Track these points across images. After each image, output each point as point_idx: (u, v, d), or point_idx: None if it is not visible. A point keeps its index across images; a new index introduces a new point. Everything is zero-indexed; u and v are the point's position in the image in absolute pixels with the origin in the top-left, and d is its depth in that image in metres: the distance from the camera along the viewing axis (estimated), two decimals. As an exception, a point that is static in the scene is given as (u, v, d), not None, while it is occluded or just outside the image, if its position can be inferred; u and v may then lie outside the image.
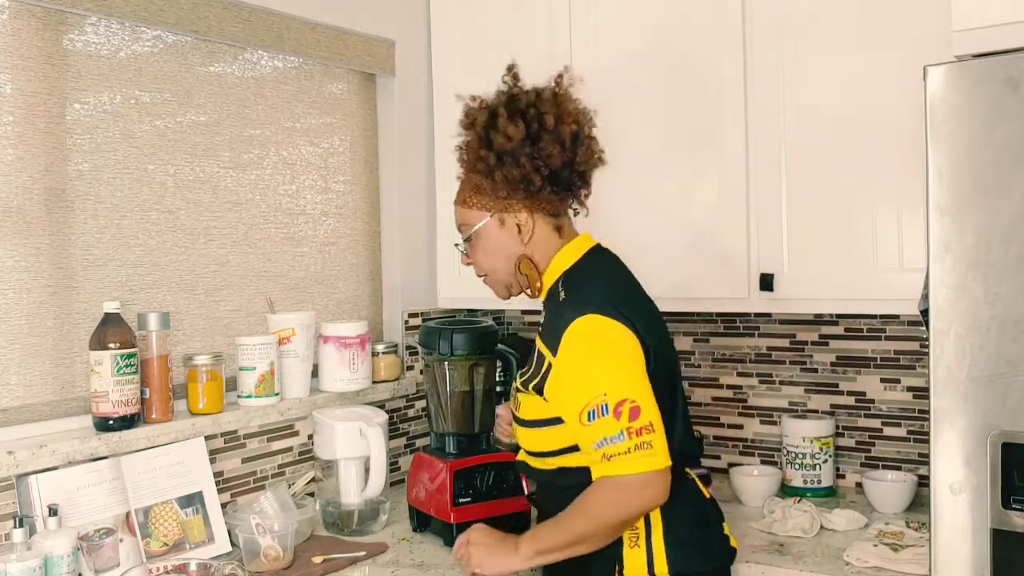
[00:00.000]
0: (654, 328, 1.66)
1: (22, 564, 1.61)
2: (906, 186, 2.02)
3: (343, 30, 2.51)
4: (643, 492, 1.53)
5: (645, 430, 1.52)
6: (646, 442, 1.51)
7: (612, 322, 1.57)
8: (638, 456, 1.51)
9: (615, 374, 1.55)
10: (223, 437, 2.17)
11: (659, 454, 1.52)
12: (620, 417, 1.52)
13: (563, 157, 1.67)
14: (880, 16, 2.04)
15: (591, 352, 1.57)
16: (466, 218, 1.76)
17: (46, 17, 1.94)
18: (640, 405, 1.53)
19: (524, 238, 1.72)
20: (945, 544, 1.55)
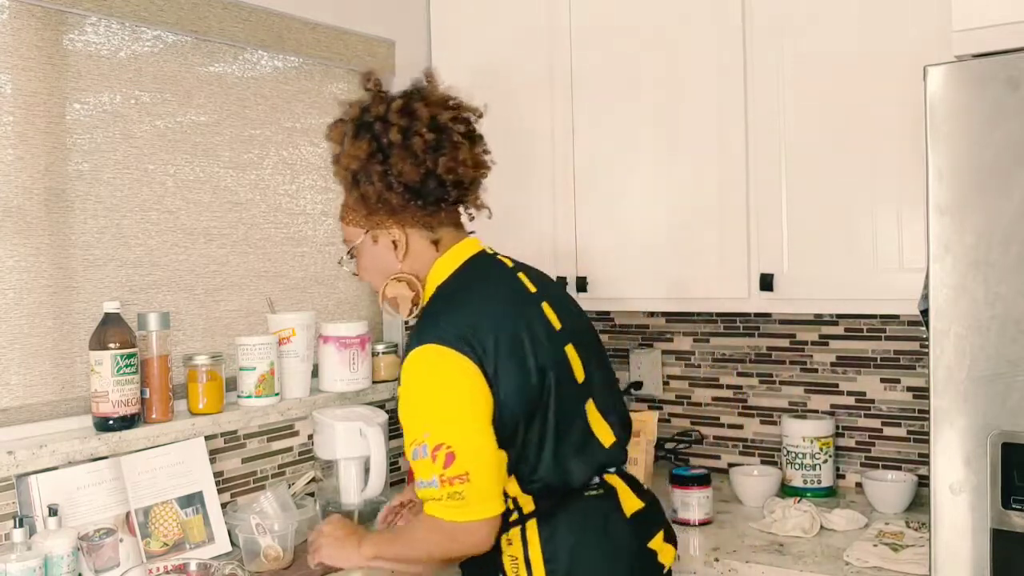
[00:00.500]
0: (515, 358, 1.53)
1: (22, 564, 1.60)
2: (906, 186, 2.02)
3: (343, 30, 2.51)
4: (460, 539, 1.50)
5: (459, 479, 1.46)
6: (458, 492, 1.46)
7: (450, 353, 1.49)
8: (450, 505, 1.48)
9: (438, 414, 1.49)
10: (223, 437, 2.17)
11: (472, 505, 1.47)
12: (436, 461, 1.46)
13: (420, 170, 1.58)
14: (880, 16, 2.04)
15: (421, 387, 1.51)
16: (346, 234, 1.72)
17: (46, 17, 1.94)
18: (456, 452, 1.46)
19: (399, 255, 1.66)
20: (945, 544, 1.55)
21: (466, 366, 1.49)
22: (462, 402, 1.49)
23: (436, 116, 1.61)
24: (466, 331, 1.51)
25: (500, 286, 1.64)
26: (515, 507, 1.58)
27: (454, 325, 1.52)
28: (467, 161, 1.62)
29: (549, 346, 1.59)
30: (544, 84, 2.52)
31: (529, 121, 2.56)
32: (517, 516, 1.58)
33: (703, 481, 2.19)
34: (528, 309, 1.61)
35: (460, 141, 1.62)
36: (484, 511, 1.49)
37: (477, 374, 1.49)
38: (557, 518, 1.56)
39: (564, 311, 1.68)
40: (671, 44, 2.32)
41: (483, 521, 1.49)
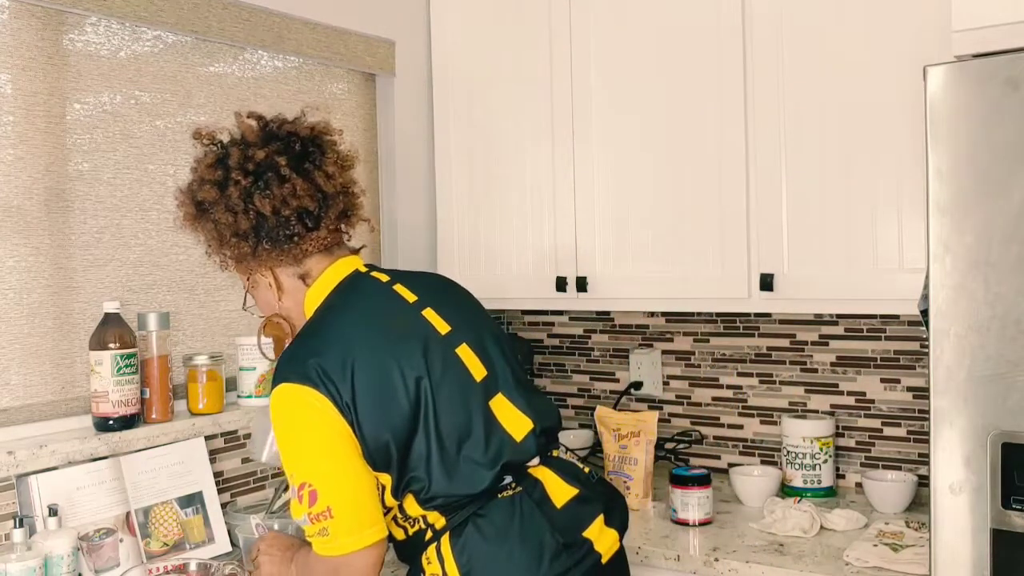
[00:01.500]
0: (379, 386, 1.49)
1: (22, 564, 1.61)
2: (906, 186, 2.02)
3: (343, 30, 2.51)
4: (343, 571, 1.48)
5: (323, 516, 1.46)
6: (324, 528, 1.46)
7: (298, 389, 1.47)
8: (320, 541, 1.48)
9: (296, 453, 1.49)
10: (223, 437, 2.17)
11: (338, 539, 1.46)
12: (302, 501, 1.47)
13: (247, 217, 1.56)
14: (880, 16, 2.04)
15: (280, 427, 1.50)
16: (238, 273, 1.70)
17: (46, 17, 1.94)
18: (317, 489, 1.45)
19: (278, 294, 1.64)
20: (945, 544, 1.55)
21: (316, 402, 1.47)
22: (318, 439, 1.48)
23: (250, 158, 1.58)
24: (316, 366, 1.48)
25: (365, 307, 1.60)
26: (426, 525, 1.55)
27: (302, 361, 1.50)
28: (302, 191, 1.57)
29: (432, 354, 1.55)
30: (544, 84, 2.52)
31: (529, 121, 2.56)
32: (431, 534, 1.55)
33: (703, 481, 2.19)
34: (403, 322, 1.58)
35: (287, 175, 1.57)
36: (352, 544, 1.47)
37: (329, 408, 1.47)
38: (467, 528, 1.52)
39: (452, 313, 1.63)
40: (671, 45, 2.32)
41: (355, 553, 1.47)
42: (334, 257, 1.66)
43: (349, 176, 1.68)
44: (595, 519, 1.60)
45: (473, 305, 1.73)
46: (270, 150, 1.58)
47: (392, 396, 1.50)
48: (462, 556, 1.51)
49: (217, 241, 1.61)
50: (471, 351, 1.60)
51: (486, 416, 1.56)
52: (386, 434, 1.49)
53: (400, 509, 1.56)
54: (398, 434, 1.50)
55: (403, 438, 1.50)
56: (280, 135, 1.62)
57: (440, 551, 1.52)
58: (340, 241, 1.69)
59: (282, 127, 1.64)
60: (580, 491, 1.60)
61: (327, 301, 1.61)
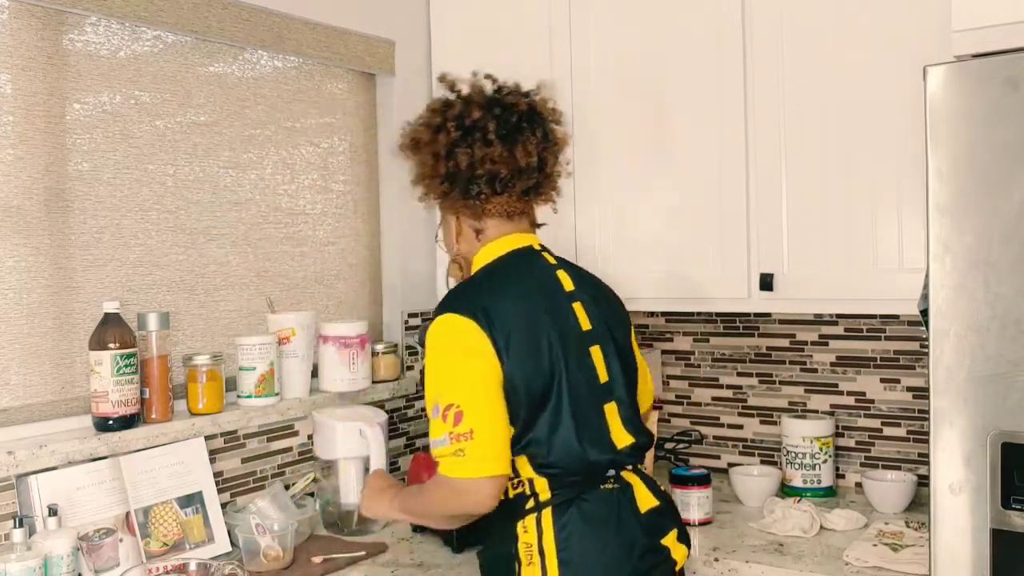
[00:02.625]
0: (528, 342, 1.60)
1: (22, 564, 1.61)
2: (906, 186, 2.02)
3: (343, 30, 2.51)
4: (465, 496, 1.57)
5: (464, 437, 1.54)
6: (462, 449, 1.54)
7: (463, 320, 1.59)
8: (454, 461, 1.55)
9: (449, 376, 1.58)
10: (223, 437, 2.17)
11: (473, 462, 1.54)
12: (446, 420, 1.55)
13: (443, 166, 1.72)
14: (880, 16, 2.04)
15: (437, 351, 1.61)
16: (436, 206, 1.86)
17: (46, 17, 1.94)
18: (464, 410, 1.54)
19: (456, 237, 1.80)
20: (945, 544, 1.55)
21: (477, 334, 1.58)
22: (472, 366, 1.57)
23: (467, 115, 1.72)
24: (482, 306, 1.60)
25: (531, 280, 1.70)
26: (531, 493, 1.62)
27: (471, 300, 1.62)
28: (498, 157, 1.70)
29: (571, 344, 1.65)
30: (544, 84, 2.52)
31: (529, 121, 2.55)
32: (533, 504, 1.62)
33: (703, 481, 2.19)
34: (556, 305, 1.68)
35: (492, 140, 1.70)
36: (483, 469, 1.54)
37: (487, 343, 1.57)
38: (572, 508, 1.60)
39: (596, 314, 1.73)
40: (671, 45, 2.32)
41: (483, 479, 1.54)
42: (513, 225, 1.77)
43: (550, 157, 1.78)
44: (671, 531, 1.70)
45: (616, 314, 1.81)
46: (487, 113, 1.72)
47: (537, 362, 1.60)
48: (562, 533, 1.59)
49: (419, 176, 1.78)
50: (600, 355, 1.70)
51: (601, 417, 1.67)
52: (523, 396, 1.59)
53: (512, 466, 1.61)
54: (534, 396, 1.60)
55: (537, 402, 1.60)
56: (503, 103, 1.75)
57: (540, 523, 1.61)
58: (524, 212, 1.80)
59: (507, 96, 1.77)
60: (660, 504, 1.71)
61: (499, 262, 1.73)
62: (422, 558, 2.00)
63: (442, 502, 1.61)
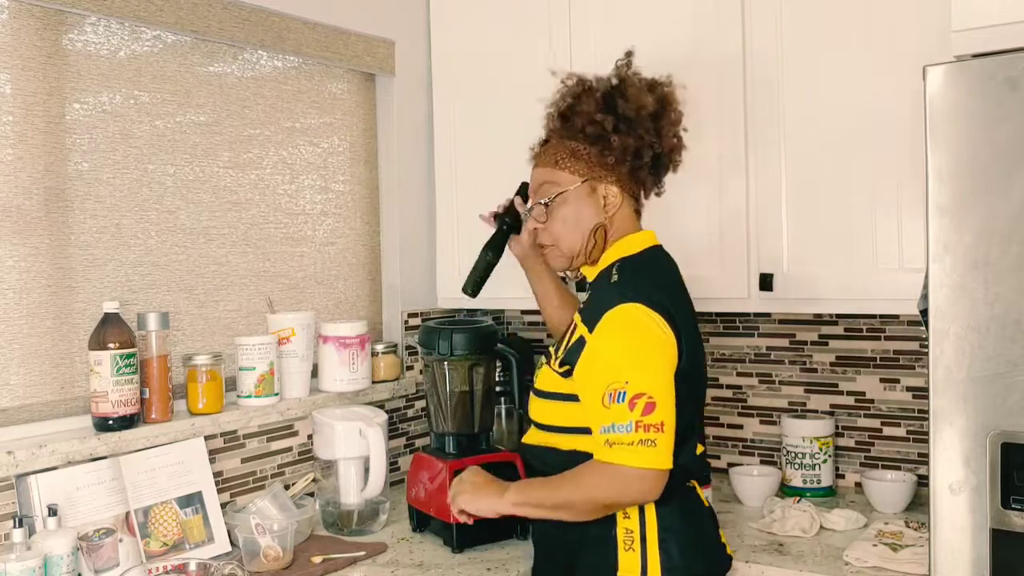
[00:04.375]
0: (694, 340, 1.67)
1: (22, 564, 1.60)
2: (906, 186, 2.02)
3: (343, 30, 2.51)
4: (635, 486, 1.56)
5: (654, 428, 1.53)
6: (651, 439, 1.53)
7: (654, 314, 1.58)
8: (640, 450, 1.53)
9: (642, 366, 1.56)
10: (223, 437, 2.17)
11: (662, 454, 1.55)
12: (634, 409, 1.54)
13: (671, 143, 1.73)
14: (880, 16, 2.04)
15: (626, 339, 1.58)
16: (555, 179, 1.74)
17: (46, 17, 1.94)
18: (656, 402, 1.54)
19: (608, 211, 1.72)
20: (944, 544, 1.55)
21: (667, 330, 1.59)
22: (664, 360, 1.58)
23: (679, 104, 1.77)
24: (665, 303, 1.62)
25: (680, 277, 1.77)
26: None
27: (658, 295, 1.62)
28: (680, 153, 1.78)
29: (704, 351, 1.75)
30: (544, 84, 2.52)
31: (529, 122, 2.55)
32: None
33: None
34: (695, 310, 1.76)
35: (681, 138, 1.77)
36: (667, 462, 1.56)
37: (674, 341, 1.60)
38: (672, 502, 1.64)
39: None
40: (671, 44, 2.32)
41: (663, 471, 1.56)
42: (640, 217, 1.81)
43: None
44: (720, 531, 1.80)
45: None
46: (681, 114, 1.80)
47: (699, 362, 1.68)
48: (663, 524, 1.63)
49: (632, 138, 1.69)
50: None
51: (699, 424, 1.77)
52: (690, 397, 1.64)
53: None
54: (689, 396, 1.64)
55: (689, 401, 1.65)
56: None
57: (644, 512, 1.64)
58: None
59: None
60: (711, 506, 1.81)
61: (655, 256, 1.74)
62: (422, 558, 2.00)
63: (605, 489, 1.58)
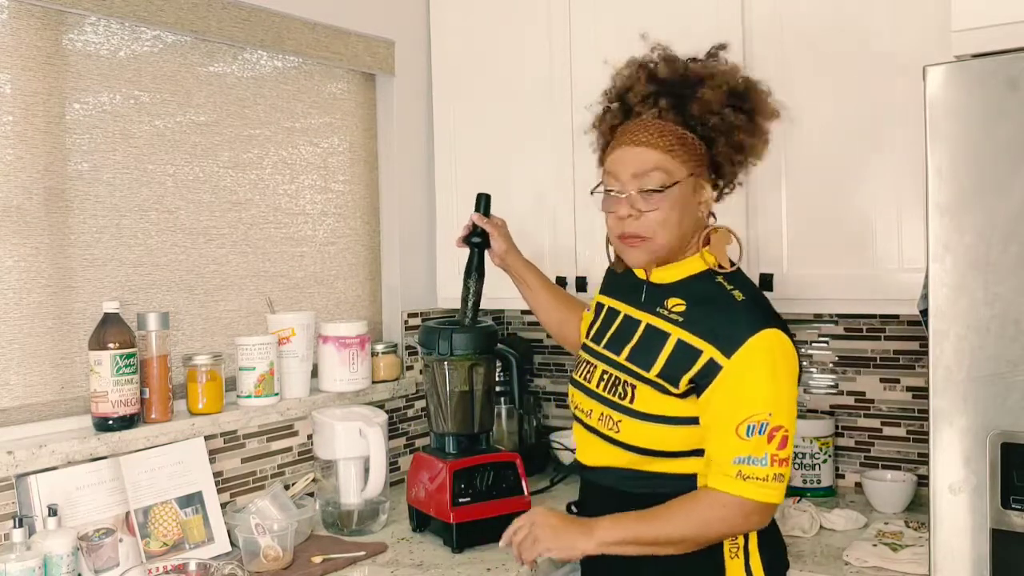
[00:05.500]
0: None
1: (21, 564, 1.60)
2: (906, 186, 2.02)
3: (343, 30, 2.51)
4: (753, 518, 1.56)
5: (785, 463, 1.54)
6: (782, 474, 1.54)
7: (791, 345, 1.57)
8: (772, 486, 1.53)
9: (784, 399, 1.54)
10: (223, 437, 2.17)
11: (784, 487, 1.56)
12: (772, 442, 1.52)
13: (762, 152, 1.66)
14: (880, 16, 2.04)
15: (774, 369, 1.53)
16: (667, 166, 1.58)
17: (46, 17, 1.94)
18: (789, 436, 1.55)
19: (703, 211, 1.64)
20: (944, 544, 1.55)
21: (797, 357, 1.59)
22: (795, 394, 1.58)
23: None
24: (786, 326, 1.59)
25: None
26: None
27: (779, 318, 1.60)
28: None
29: None
30: (544, 84, 2.52)
31: (529, 122, 2.56)
32: None
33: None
34: None
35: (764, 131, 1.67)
36: (783, 496, 1.56)
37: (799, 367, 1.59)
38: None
39: None
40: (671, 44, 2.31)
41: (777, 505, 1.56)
42: None
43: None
44: None
45: None
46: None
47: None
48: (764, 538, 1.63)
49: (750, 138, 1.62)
50: None
51: None
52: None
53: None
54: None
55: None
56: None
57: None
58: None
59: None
60: None
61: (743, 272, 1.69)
62: (422, 558, 2.00)
63: (724, 522, 1.55)
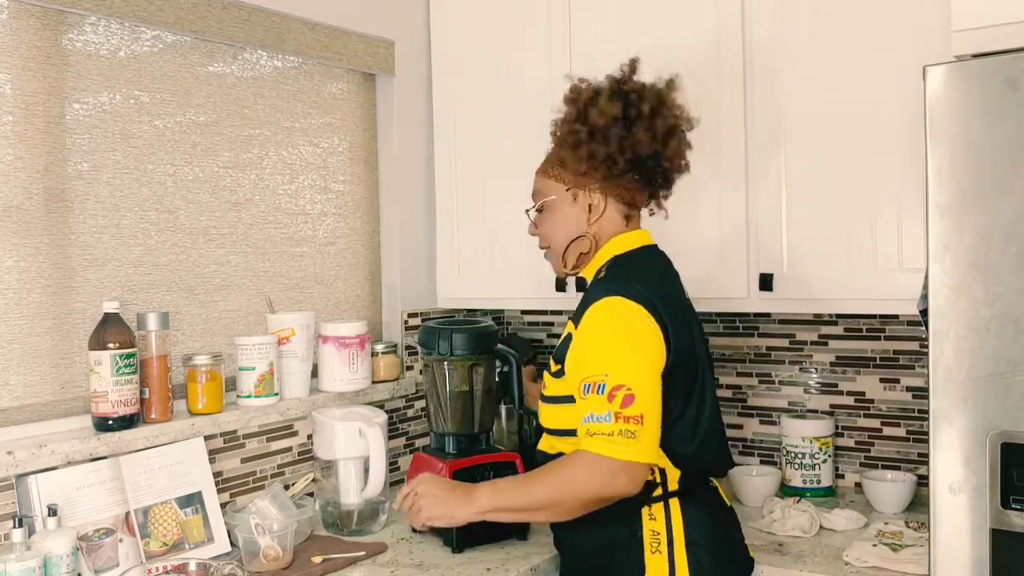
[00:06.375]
0: (684, 333, 1.66)
1: (21, 564, 1.60)
2: (906, 186, 2.02)
3: (343, 30, 2.51)
4: (615, 478, 1.54)
5: (634, 420, 1.53)
6: (631, 431, 1.52)
7: (638, 308, 1.59)
8: (619, 441, 1.52)
9: (623, 358, 1.56)
10: (222, 437, 2.17)
11: (641, 446, 1.54)
12: (612, 400, 1.53)
13: (652, 147, 1.70)
14: (880, 16, 2.04)
15: (608, 331, 1.59)
16: (542, 187, 1.82)
17: (45, 17, 1.94)
18: (636, 395, 1.54)
19: (591, 218, 1.75)
20: (944, 544, 1.55)
21: (649, 321, 1.59)
22: (645, 352, 1.58)
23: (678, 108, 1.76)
24: (652, 294, 1.62)
25: (675, 279, 1.78)
26: (661, 481, 1.64)
27: (642, 288, 1.63)
28: (683, 156, 1.76)
29: (704, 343, 1.76)
30: (544, 84, 2.52)
31: (529, 122, 2.56)
32: (661, 492, 1.64)
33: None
34: (689, 303, 1.78)
35: (687, 141, 1.76)
36: (649, 455, 1.55)
37: (657, 331, 1.60)
38: (698, 501, 1.65)
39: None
40: (671, 44, 2.32)
41: (644, 465, 1.55)
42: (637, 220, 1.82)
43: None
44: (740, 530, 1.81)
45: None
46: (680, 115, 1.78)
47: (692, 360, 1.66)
48: (690, 526, 1.63)
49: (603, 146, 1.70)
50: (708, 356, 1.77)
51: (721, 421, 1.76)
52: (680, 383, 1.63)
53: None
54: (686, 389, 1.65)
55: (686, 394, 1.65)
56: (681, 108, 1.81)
57: (669, 512, 1.63)
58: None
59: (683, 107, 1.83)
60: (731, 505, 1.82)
61: (644, 254, 1.76)
62: (422, 558, 2.00)
63: (587, 484, 1.56)
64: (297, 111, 2.47)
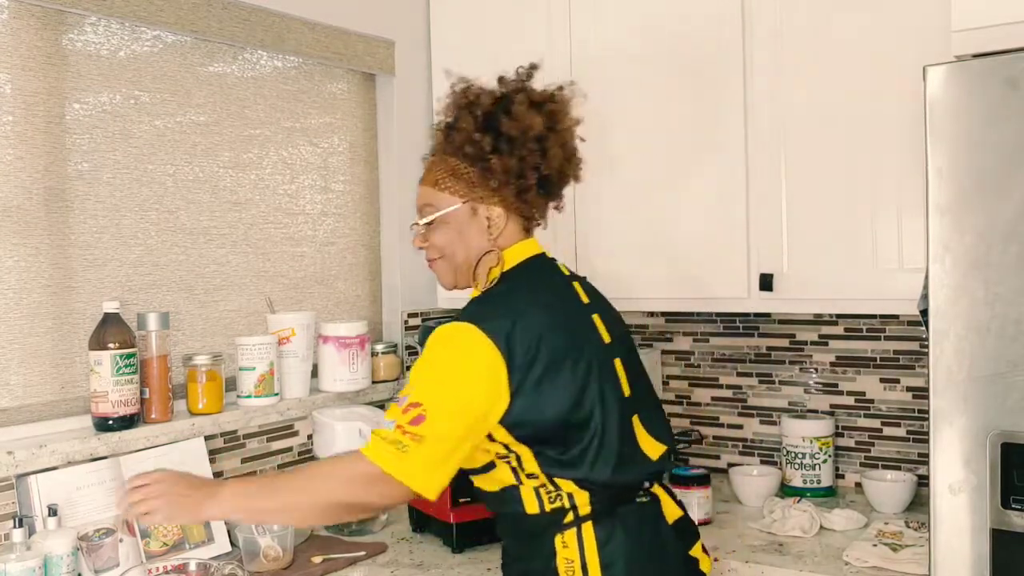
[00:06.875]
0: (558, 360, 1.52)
1: (22, 564, 1.61)
2: (906, 186, 2.02)
3: (343, 30, 2.51)
4: (378, 489, 1.47)
5: (412, 436, 1.44)
6: (404, 444, 1.44)
7: (479, 337, 1.47)
8: (388, 450, 1.45)
9: (435, 383, 1.48)
10: (223, 437, 2.17)
11: (407, 463, 1.44)
12: (405, 414, 1.46)
13: (559, 162, 1.62)
14: (880, 16, 2.04)
15: (439, 355, 1.51)
16: (433, 200, 1.66)
17: (46, 17, 1.94)
18: (428, 416, 1.44)
19: (492, 233, 1.62)
20: (944, 544, 1.55)
21: (488, 352, 1.47)
22: (460, 381, 1.48)
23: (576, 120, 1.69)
24: (508, 327, 1.49)
25: (555, 294, 1.63)
26: (571, 506, 1.54)
27: (498, 317, 1.51)
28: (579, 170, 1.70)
29: (598, 358, 1.58)
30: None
31: (529, 121, 2.55)
32: (572, 517, 1.54)
33: (703, 481, 2.19)
34: (580, 319, 1.62)
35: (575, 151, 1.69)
36: (411, 477, 1.45)
37: (499, 365, 1.47)
38: (613, 522, 1.54)
39: (613, 325, 1.67)
40: (671, 44, 2.32)
41: (405, 487, 1.45)
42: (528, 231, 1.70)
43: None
44: (696, 543, 1.66)
45: (623, 323, 1.74)
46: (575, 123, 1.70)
47: (569, 380, 1.51)
48: (605, 549, 1.52)
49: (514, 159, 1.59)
50: (622, 367, 1.63)
51: (632, 430, 1.60)
52: (551, 412, 1.50)
53: (551, 481, 1.53)
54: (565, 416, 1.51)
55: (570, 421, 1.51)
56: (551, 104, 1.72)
57: (581, 538, 1.53)
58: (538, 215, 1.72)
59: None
60: (683, 514, 1.67)
61: (524, 270, 1.63)
62: (422, 558, 2.00)
63: (346, 485, 1.49)
64: (297, 111, 2.47)
